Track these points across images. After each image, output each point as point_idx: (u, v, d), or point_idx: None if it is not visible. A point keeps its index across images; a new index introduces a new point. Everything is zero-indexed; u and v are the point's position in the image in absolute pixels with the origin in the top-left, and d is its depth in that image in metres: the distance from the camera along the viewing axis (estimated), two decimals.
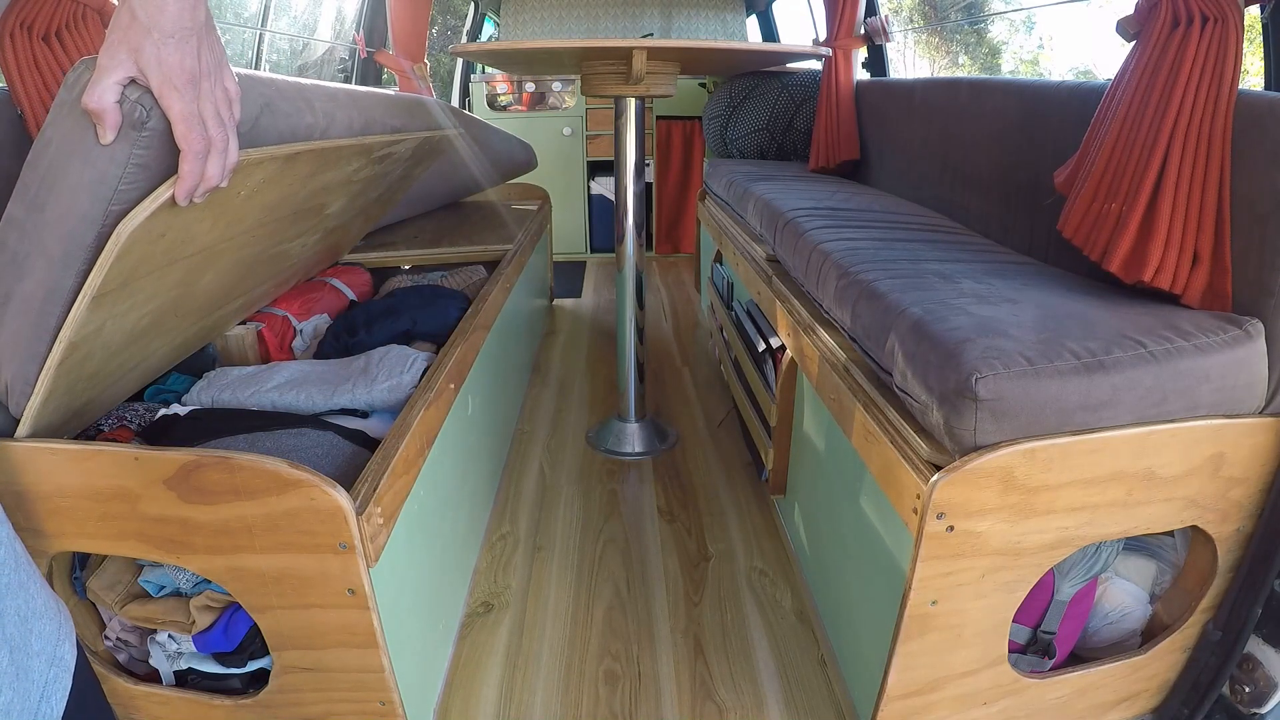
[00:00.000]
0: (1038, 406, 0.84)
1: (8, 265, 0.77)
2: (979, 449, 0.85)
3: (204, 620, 0.97)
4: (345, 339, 1.47)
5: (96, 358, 0.87)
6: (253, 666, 1.00)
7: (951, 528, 0.85)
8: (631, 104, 1.70)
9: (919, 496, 0.86)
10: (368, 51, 2.71)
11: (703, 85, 3.76)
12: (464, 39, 4.08)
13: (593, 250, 4.13)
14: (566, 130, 3.89)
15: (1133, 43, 1.05)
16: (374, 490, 0.88)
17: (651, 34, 3.65)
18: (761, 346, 1.71)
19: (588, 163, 3.95)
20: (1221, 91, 0.93)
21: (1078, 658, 1.09)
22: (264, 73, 1.39)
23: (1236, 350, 0.90)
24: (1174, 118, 0.95)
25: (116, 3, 0.57)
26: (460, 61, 3.79)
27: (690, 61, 1.74)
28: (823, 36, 2.50)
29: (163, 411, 1.10)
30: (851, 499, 1.16)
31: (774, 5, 3.82)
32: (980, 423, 0.84)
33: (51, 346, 0.79)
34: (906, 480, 0.90)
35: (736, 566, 1.50)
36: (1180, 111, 0.95)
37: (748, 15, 3.84)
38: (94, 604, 1.02)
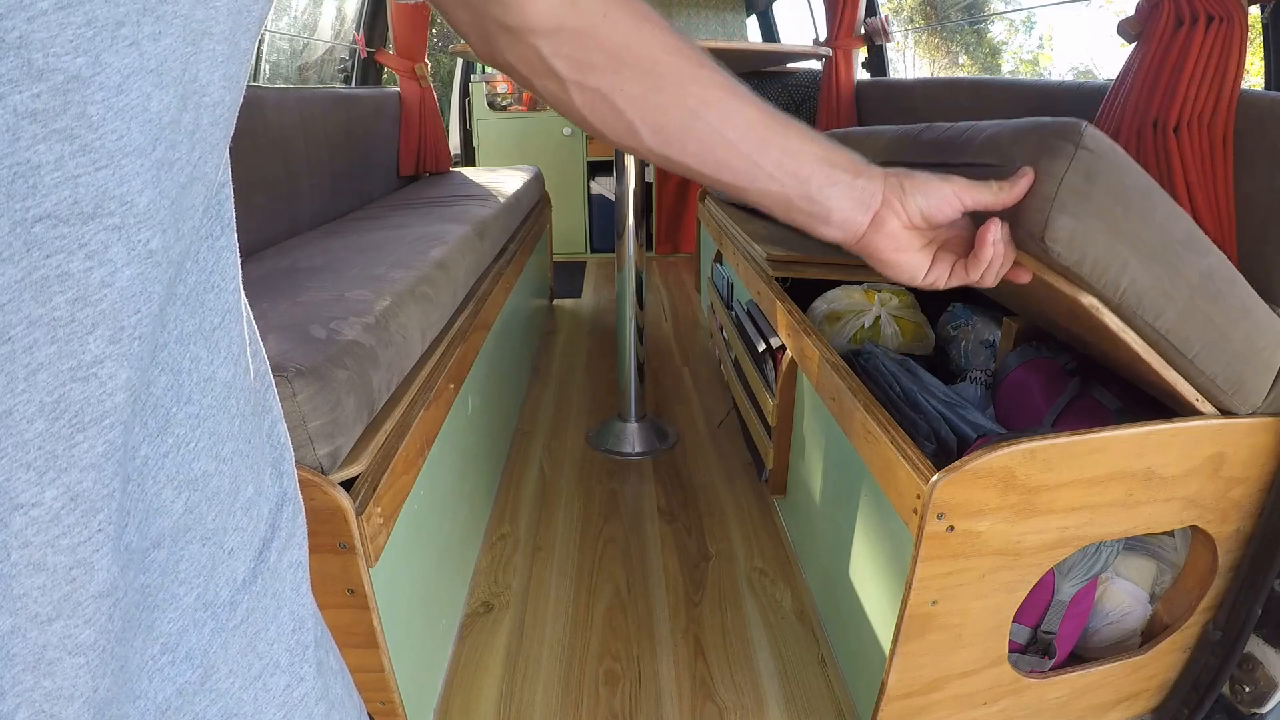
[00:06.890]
0: None
1: None
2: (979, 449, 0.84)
3: None
4: None
5: None
6: None
7: (951, 528, 0.85)
8: None
9: (919, 496, 0.86)
10: (368, 51, 2.71)
11: None
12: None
13: (593, 250, 4.13)
14: (566, 130, 3.89)
15: (1134, 44, 1.05)
16: (374, 490, 0.88)
17: None
18: (761, 346, 1.71)
19: (588, 163, 3.95)
20: (1224, 91, 0.93)
21: (1078, 658, 1.08)
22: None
23: None
24: (1176, 118, 0.95)
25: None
26: (460, 61, 3.78)
27: None
28: (823, 36, 2.50)
29: None
30: (851, 499, 1.16)
31: (774, 5, 3.81)
32: None
33: None
34: (906, 480, 0.90)
35: (736, 566, 1.50)
36: (1183, 111, 0.95)
37: (748, 15, 3.83)
38: None
